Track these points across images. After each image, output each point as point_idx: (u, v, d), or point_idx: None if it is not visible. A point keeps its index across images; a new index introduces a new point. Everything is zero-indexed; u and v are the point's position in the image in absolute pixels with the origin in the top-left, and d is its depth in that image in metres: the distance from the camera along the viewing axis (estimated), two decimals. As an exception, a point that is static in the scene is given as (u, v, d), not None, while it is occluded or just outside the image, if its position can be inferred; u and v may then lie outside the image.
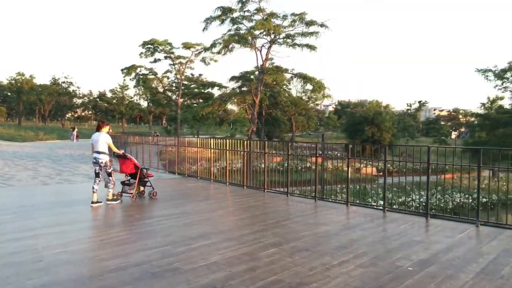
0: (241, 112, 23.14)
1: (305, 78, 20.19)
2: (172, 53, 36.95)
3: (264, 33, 20.16)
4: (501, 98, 35.06)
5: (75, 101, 75.98)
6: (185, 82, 39.38)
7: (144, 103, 78.99)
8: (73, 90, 70.69)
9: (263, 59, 20.98)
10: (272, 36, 20.31)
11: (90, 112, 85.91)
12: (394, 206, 19.92)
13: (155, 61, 37.80)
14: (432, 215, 7.65)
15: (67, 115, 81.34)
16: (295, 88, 54.95)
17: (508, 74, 27.03)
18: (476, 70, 28.10)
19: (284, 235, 6.12)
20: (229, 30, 22.20)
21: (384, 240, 5.89)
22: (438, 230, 6.59)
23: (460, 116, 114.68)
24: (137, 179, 8.95)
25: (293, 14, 20.85)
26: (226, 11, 21.00)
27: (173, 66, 38.75)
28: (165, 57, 37.47)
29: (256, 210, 8.20)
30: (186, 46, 35.69)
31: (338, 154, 20.31)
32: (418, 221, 7.26)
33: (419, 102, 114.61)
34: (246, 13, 20.73)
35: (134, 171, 8.99)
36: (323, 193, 15.23)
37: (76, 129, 45.10)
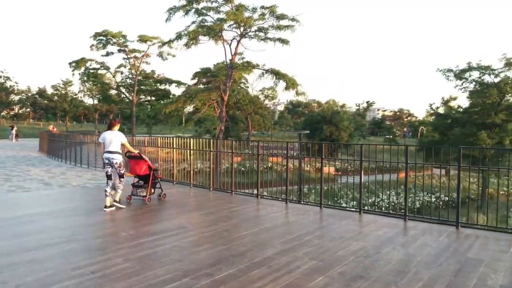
0: (208, 110, 21.77)
1: (277, 75, 19.22)
2: (126, 46, 34.55)
3: (234, 25, 18.92)
4: (454, 99, 36.13)
5: (12, 97, 70.20)
6: (140, 78, 36.94)
7: (89, 100, 74.84)
8: (10, 86, 65.22)
9: (232, 54, 19.74)
10: (242, 29, 19.11)
11: (28, 109, 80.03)
12: (367, 207, 19.59)
13: (108, 54, 35.17)
14: (410, 217, 7.30)
15: (2, 113, 75.08)
16: (251, 87, 54.23)
17: (467, 75, 27.69)
18: (438, 70, 28.60)
19: (319, 255, 5.03)
20: (194, 22, 20.77)
21: (448, 259, 4.97)
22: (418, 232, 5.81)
23: (404, 116, 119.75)
24: (150, 181, 8.34)
25: (262, 7, 19.82)
26: (191, 0, 19.54)
27: (127, 61, 36.31)
28: (119, 51, 34.95)
29: (261, 221, 7.05)
30: (143, 39, 33.46)
31: (294, 154, 19.68)
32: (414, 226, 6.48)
33: (367, 102, 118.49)
34: (214, 4, 19.43)
35: (147, 173, 8.33)
36: (301, 196, 14.46)
37: (15, 128, 41.32)
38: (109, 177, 7.67)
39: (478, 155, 26.84)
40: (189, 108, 25.54)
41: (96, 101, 75.26)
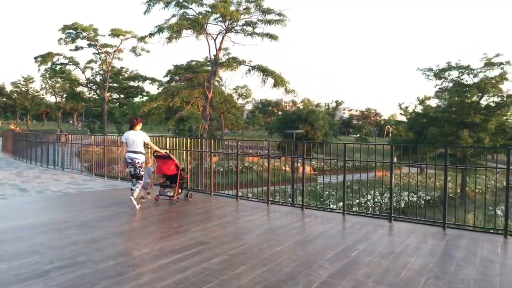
0: (193, 108, 20.66)
1: (265, 72, 18.37)
2: (97, 40, 32.67)
3: (220, 19, 17.93)
4: (428, 98, 36.48)
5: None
6: (112, 74, 35.00)
7: (51, 98, 71.46)
8: (-34, 82, 61.12)
9: (217, 49, 18.73)
10: (228, 23, 18.13)
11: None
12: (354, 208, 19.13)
13: (77, 49, 33.15)
14: (395, 218, 7.13)
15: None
16: (224, 84, 53.26)
17: (446, 74, 27.82)
18: (418, 69, 28.62)
19: (383, 278, 4.25)
20: (174, 15, 19.60)
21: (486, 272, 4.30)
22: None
23: (371, 116, 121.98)
24: (178, 181, 8.23)
25: (248, 1, 18.93)
26: (173, -9, 18.39)
27: (98, 56, 34.40)
28: (89, 45, 33.02)
29: (285, 232, 6.20)
30: (115, 33, 31.70)
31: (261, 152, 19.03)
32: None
33: (336, 101, 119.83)
34: (197, -4, 18.31)
35: (175, 172, 8.23)
36: (294, 198, 13.77)
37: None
38: (133, 176, 7.68)
39: (458, 154, 27.17)
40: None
41: (59, 99, 71.99)
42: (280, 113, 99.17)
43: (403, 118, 78.38)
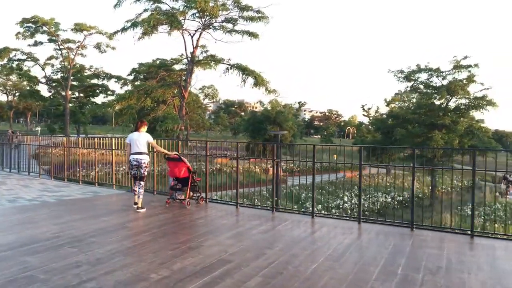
0: (169, 108, 19.66)
1: (244, 71, 17.71)
2: (59, 35, 30.71)
3: (197, 15, 17.12)
4: (395, 100, 37.17)
5: None
6: (75, 72, 32.96)
7: (2, 97, 67.34)
8: None
9: (194, 46, 17.90)
10: (206, 19, 17.36)
11: None
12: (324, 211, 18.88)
13: (36, 44, 31.03)
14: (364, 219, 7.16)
15: None
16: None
17: (416, 76, 28.31)
18: (389, 71, 28.94)
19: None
20: (146, 10, 18.61)
21: None
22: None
23: (333, 117, 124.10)
24: (189, 183, 8.00)
25: (225, -4, 18.25)
26: (146, -16, 17.41)
27: (59, 52, 32.33)
28: (50, 40, 30.94)
29: (308, 243, 5.67)
30: (79, 28, 29.88)
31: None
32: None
33: (299, 103, 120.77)
34: (172, -10, 17.46)
35: (187, 175, 7.99)
36: (276, 204, 13.28)
37: None
38: (136, 178, 7.58)
39: (428, 155, 27.68)
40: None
41: (11, 97, 67.90)
42: (243, 113, 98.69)
43: (365, 120, 79.95)
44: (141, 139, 7.62)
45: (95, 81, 34.22)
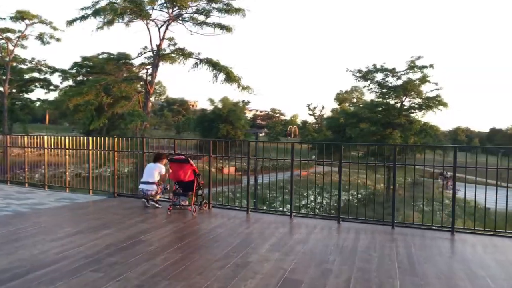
0: (134, 104, 18.14)
1: (215, 66, 16.77)
2: (-6, 24, 27.61)
3: (165, 5, 15.93)
4: (346, 99, 37.88)
5: None
6: (15, 64, 29.73)
7: None
8: None
9: (160, 38, 16.67)
10: (175, 9, 16.19)
11: None
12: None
13: (-33, 33, 27.67)
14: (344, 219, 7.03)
15: None
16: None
17: (372, 75, 28.90)
18: (347, 70, 29.31)
19: None
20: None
21: None
22: None
23: (276, 116, 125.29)
24: (194, 187, 7.17)
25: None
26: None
27: (-5, 42, 29.04)
28: (-17, 29, 27.73)
29: (367, 256, 5.09)
30: (21, 16, 26.95)
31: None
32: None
33: (243, 101, 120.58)
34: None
35: (192, 178, 7.19)
36: (256, 205, 12.68)
37: None
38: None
39: (386, 153, 28.29)
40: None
41: None
42: (184, 112, 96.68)
43: (310, 119, 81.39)
44: (152, 169, 7.71)
45: (36, 74, 31.27)
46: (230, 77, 16.76)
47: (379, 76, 28.81)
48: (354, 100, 68.42)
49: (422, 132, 27.81)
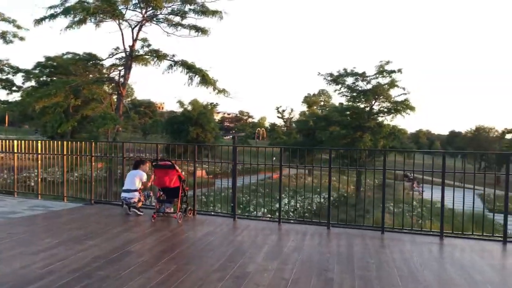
0: (107, 106, 17.49)
1: (191, 69, 16.44)
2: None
3: (139, 5, 15.48)
4: (316, 103, 38.33)
5: None
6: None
7: None
8: None
9: (134, 39, 16.18)
10: (149, 9, 15.77)
11: None
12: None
13: None
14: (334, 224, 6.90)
15: None
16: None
17: (343, 79, 29.29)
18: (319, 74, 29.58)
19: None
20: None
21: None
22: None
23: (245, 118, 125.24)
24: (180, 194, 6.86)
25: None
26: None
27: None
28: None
29: (390, 269, 5.04)
30: (-20, 13, 25.53)
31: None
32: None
33: (211, 104, 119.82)
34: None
35: (177, 184, 6.89)
36: (234, 209, 12.48)
37: None
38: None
39: (354, 156, 28.72)
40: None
41: None
42: (151, 114, 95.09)
43: (279, 121, 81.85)
44: (132, 175, 7.44)
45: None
46: (206, 80, 16.51)
47: (349, 80, 29.29)
48: (322, 103, 69.52)
49: (391, 135, 28.48)
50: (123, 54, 16.43)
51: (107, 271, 4.42)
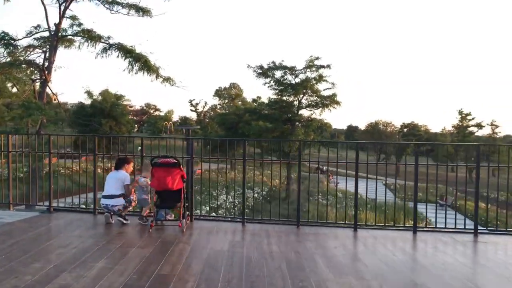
0: (30, 95, 14.59)
1: (129, 53, 14.53)
2: None
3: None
4: (239, 96, 37.89)
5: None
6: None
7: None
8: None
9: (60, 16, 13.81)
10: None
11: None
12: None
13: None
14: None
15: None
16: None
17: (271, 73, 29.08)
18: (248, 66, 28.94)
19: None
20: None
21: None
22: None
23: (152, 111, 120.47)
24: (182, 197, 5.79)
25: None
26: None
27: None
28: None
29: (453, 277, 4.52)
30: None
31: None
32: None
33: (116, 95, 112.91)
34: None
35: (181, 186, 5.77)
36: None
37: None
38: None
39: (285, 150, 28.82)
40: None
41: None
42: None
43: (193, 115, 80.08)
44: (111, 179, 6.18)
45: None
46: (148, 66, 14.80)
47: (278, 74, 29.19)
48: (233, 96, 69.34)
49: (319, 129, 29.09)
50: (47, 33, 13.92)
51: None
